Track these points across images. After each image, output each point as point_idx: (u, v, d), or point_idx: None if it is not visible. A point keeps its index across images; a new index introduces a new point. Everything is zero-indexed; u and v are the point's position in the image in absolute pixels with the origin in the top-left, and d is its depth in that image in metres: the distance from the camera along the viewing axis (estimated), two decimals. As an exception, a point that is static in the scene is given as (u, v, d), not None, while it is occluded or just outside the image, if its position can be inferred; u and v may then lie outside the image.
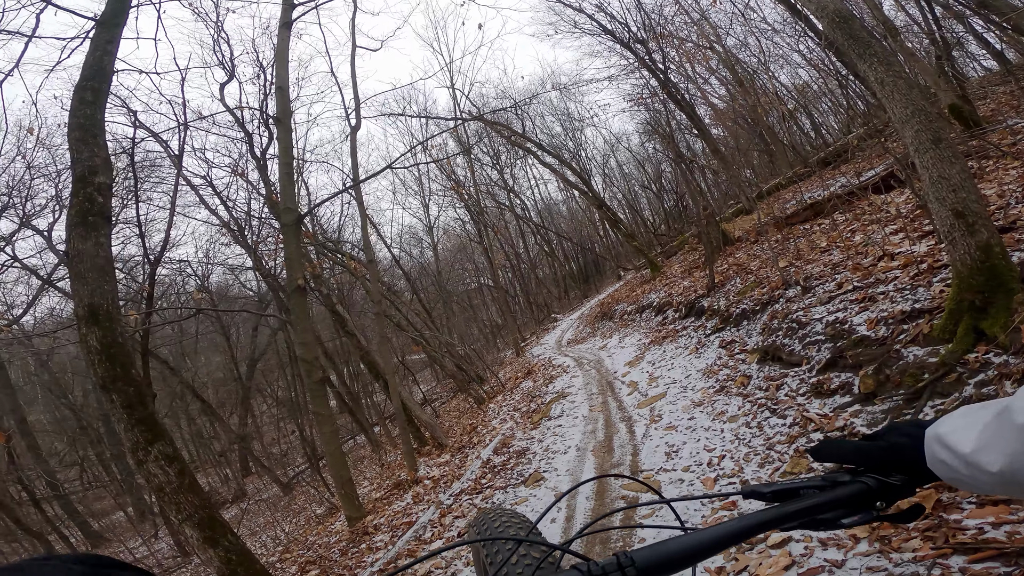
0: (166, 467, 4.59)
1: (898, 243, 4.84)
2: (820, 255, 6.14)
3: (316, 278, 12.16)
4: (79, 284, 4.76)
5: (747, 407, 4.54)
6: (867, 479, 0.67)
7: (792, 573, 2.46)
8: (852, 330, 3.94)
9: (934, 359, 3.10)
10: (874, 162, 8.92)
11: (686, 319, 8.24)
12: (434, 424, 9.69)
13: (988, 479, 0.54)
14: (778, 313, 5.33)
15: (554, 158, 19.25)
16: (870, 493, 0.66)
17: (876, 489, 0.66)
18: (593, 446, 5.42)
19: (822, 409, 3.80)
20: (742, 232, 10.94)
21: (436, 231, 27.15)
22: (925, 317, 3.41)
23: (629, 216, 27.80)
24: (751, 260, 8.25)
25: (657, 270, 14.29)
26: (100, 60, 5.18)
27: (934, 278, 3.72)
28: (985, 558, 1.99)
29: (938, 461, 0.61)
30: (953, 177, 3.01)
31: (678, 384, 6.02)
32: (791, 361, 4.55)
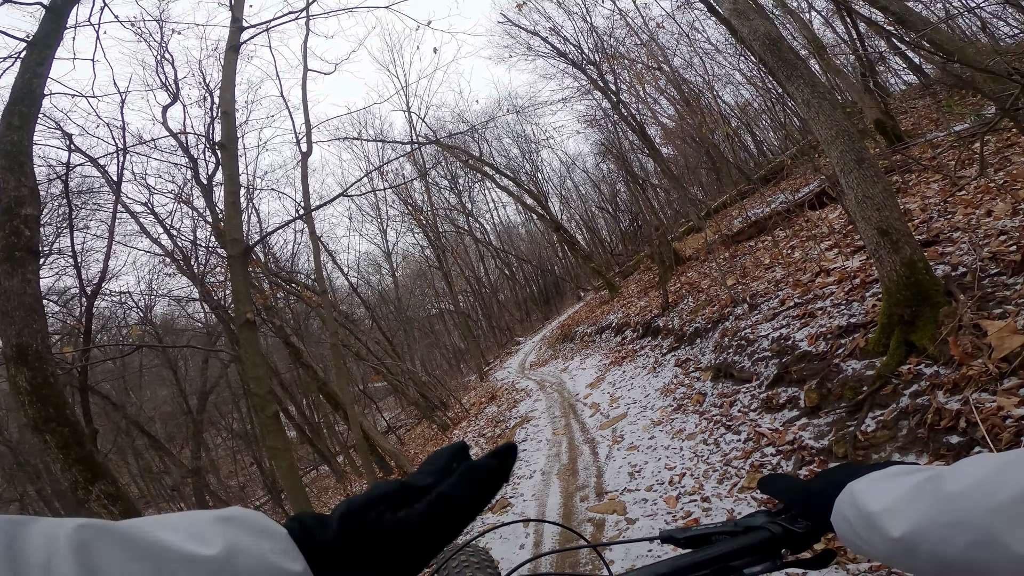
0: (110, 506, 4.38)
1: (833, 259, 5.13)
2: (764, 272, 6.43)
3: (268, 309, 11.88)
4: (6, 324, 4.51)
5: (704, 424, 4.67)
6: (773, 525, 0.67)
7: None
8: (795, 346, 4.14)
9: (871, 372, 3.29)
10: (809, 179, 9.38)
11: (643, 339, 8.42)
12: (398, 453, 9.55)
13: (883, 544, 0.50)
14: (728, 331, 5.53)
15: (511, 181, 19.50)
16: (775, 540, 0.66)
17: (781, 536, 0.66)
18: (558, 469, 5.45)
19: (773, 424, 3.95)
20: (693, 251, 11.31)
21: (395, 257, 26.96)
22: (860, 331, 3.61)
23: (587, 237, 28.33)
24: (702, 278, 8.54)
25: (615, 291, 14.57)
26: (30, 83, 4.92)
27: (867, 292, 3.96)
28: None
29: (840, 516, 0.58)
30: (876, 196, 3.22)
31: (638, 404, 6.14)
32: (742, 377, 4.72)
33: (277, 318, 12.32)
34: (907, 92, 13.08)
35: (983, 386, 2.49)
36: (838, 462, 3.15)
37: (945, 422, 2.55)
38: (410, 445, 13.61)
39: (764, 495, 0.77)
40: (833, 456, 3.22)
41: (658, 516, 3.74)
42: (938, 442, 2.56)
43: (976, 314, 2.86)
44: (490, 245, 29.33)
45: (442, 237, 23.05)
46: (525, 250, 33.27)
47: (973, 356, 2.65)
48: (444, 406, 13.13)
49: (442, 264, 21.75)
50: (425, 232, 22.68)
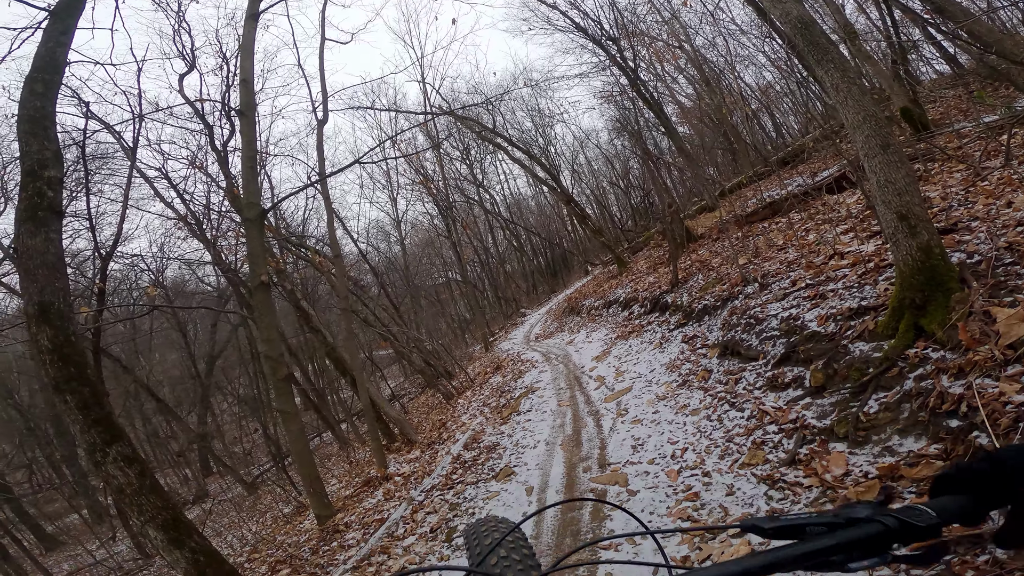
0: (126, 468, 4.52)
1: (848, 242, 5.10)
2: (777, 253, 6.41)
3: (279, 273, 11.98)
4: (28, 282, 4.61)
5: (708, 400, 4.74)
6: (886, 518, 0.60)
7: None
8: (804, 326, 4.17)
9: (878, 354, 3.32)
10: (829, 163, 9.28)
11: (651, 314, 8.46)
12: (403, 420, 9.72)
13: None
14: (737, 309, 5.56)
15: (524, 153, 19.33)
16: (888, 534, 0.59)
17: (896, 530, 0.59)
18: (562, 440, 5.56)
19: (777, 402, 4.01)
20: (705, 229, 11.24)
21: (404, 225, 26.97)
22: (870, 314, 3.63)
23: (597, 212, 28.07)
24: (713, 257, 8.52)
25: (624, 266, 14.56)
26: (52, 51, 5.00)
27: (880, 276, 3.96)
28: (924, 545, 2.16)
29: None
30: (898, 181, 3.21)
31: (643, 378, 6.21)
32: (749, 356, 4.76)
33: (288, 282, 12.42)
34: (938, 81, 12.81)
35: (987, 372, 2.52)
36: (839, 442, 3.21)
37: (947, 406, 2.59)
38: (414, 414, 13.82)
39: None
40: (834, 436, 3.28)
41: (659, 489, 3.83)
42: (938, 425, 2.61)
43: (987, 301, 2.87)
44: (499, 216, 29.23)
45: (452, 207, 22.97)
46: (534, 222, 33.08)
47: (980, 342, 2.68)
48: (449, 375, 13.29)
49: (451, 233, 21.74)
50: (435, 201, 22.64)
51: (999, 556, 1.87)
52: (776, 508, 2.92)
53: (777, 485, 3.10)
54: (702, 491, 3.48)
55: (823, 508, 2.71)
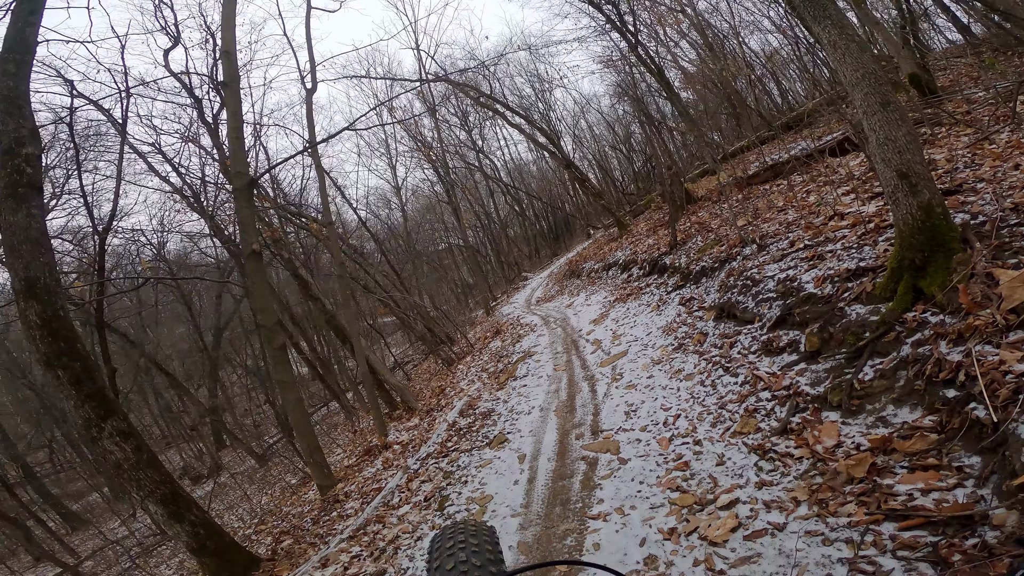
0: (122, 443, 4.53)
1: (849, 203, 4.92)
2: (776, 214, 6.23)
3: (276, 242, 11.90)
4: (13, 258, 4.60)
5: (702, 365, 4.65)
6: None
7: (739, 535, 2.56)
8: (801, 287, 4.03)
9: (875, 318, 3.20)
10: (833, 128, 9.04)
11: (649, 276, 8.34)
12: (403, 388, 9.74)
13: None
14: (734, 271, 5.42)
15: (523, 119, 18.91)
16: None
17: None
18: (556, 406, 5.52)
19: (771, 367, 3.91)
20: (706, 192, 11.01)
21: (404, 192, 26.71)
22: (869, 275, 3.49)
23: (599, 176, 27.65)
24: (712, 219, 8.34)
25: (624, 228, 14.36)
26: (22, 31, 4.96)
27: (880, 237, 3.81)
28: (914, 526, 2.08)
29: None
30: (899, 139, 3.04)
31: (639, 342, 6.13)
32: (744, 318, 4.65)
33: (286, 251, 12.33)
34: (948, 51, 12.31)
35: (988, 338, 2.39)
36: (832, 411, 3.12)
37: (944, 374, 2.47)
38: (416, 380, 13.90)
39: None
40: (827, 404, 3.19)
41: (650, 457, 3.78)
42: (934, 395, 2.50)
43: (991, 263, 2.73)
44: (500, 181, 28.93)
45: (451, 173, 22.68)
46: (536, 187, 32.68)
47: (982, 306, 2.55)
48: (450, 341, 13.29)
49: (451, 199, 21.50)
50: (435, 168, 22.33)
51: (988, 540, 1.79)
52: (766, 479, 2.86)
53: (768, 456, 3.03)
54: (692, 460, 3.42)
55: (812, 481, 2.63)
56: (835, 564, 2.13)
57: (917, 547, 1.99)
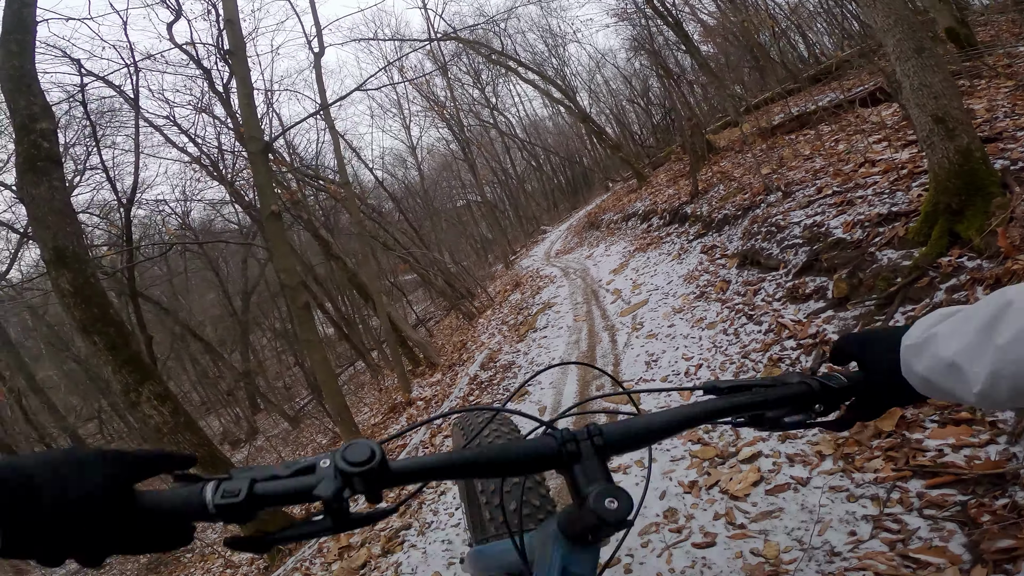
0: (159, 407, 4.66)
1: (881, 151, 4.69)
2: (803, 163, 5.99)
3: (296, 204, 11.94)
4: (40, 229, 4.70)
5: (725, 313, 4.56)
6: (811, 381, 0.69)
7: (760, 489, 2.53)
8: (829, 233, 3.88)
9: (907, 262, 3.07)
10: (863, 80, 8.61)
11: (670, 226, 8.17)
12: (426, 344, 9.85)
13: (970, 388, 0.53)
14: (758, 218, 5.25)
15: (536, 74, 18.36)
16: (811, 395, 0.69)
17: (817, 391, 0.69)
18: (576, 357, 5.51)
19: (796, 315, 3.81)
20: (727, 143, 10.64)
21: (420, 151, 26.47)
22: (901, 220, 3.34)
23: (617, 130, 27.01)
24: (735, 168, 8.08)
25: (643, 180, 14.04)
26: (19, 12, 4.96)
27: (913, 183, 3.62)
28: (942, 483, 2.00)
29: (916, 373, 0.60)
30: (935, 85, 2.91)
31: (660, 290, 6.05)
32: (769, 265, 4.52)
33: (305, 212, 12.38)
34: (990, 7, 11.46)
35: (1029, 281, 2.26)
36: None
37: (980, 319, 2.36)
38: (438, 336, 14.04)
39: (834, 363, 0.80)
40: None
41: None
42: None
43: (1033, 202, 2.57)
44: (516, 137, 28.52)
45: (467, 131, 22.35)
46: (552, 143, 32.14)
47: (1020, 250, 2.41)
48: (471, 295, 13.34)
49: (467, 156, 21.23)
50: (449, 126, 21.99)
51: (1019, 500, 1.72)
52: (789, 432, 2.80)
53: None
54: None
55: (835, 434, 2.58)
56: (859, 521, 2.09)
57: (945, 506, 1.93)
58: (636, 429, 0.70)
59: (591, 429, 0.68)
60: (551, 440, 0.68)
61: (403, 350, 10.94)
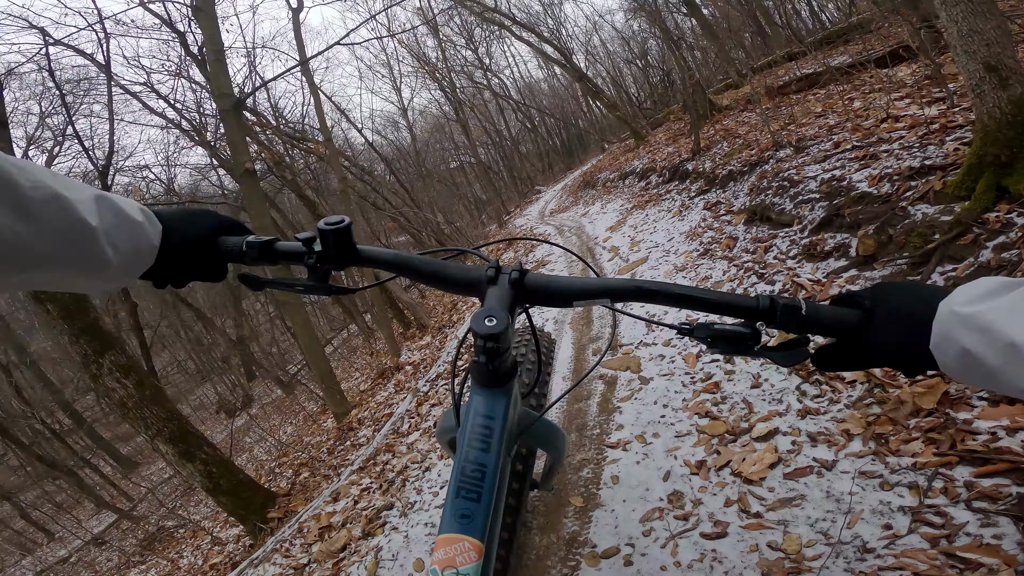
0: (123, 379, 4.32)
1: (904, 107, 4.27)
2: (815, 120, 5.55)
3: (278, 164, 11.45)
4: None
5: (732, 271, 4.23)
6: (763, 297, 0.65)
7: (778, 472, 2.23)
8: (851, 187, 3.51)
9: (947, 217, 2.72)
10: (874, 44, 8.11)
11: (670, 183, 7.78)
12: (415, 306, 9.53)
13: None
14: (768, 173, 4.87)
15: (531, 33, 17.55)
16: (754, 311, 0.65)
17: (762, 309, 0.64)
18: (571, 318, 5.19)
19: (815, 274, 3.48)
20: (730, 102, 10.13)
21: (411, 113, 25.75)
22: (937, 174, 2.97)
23: (614, 92, 26.30)
24: (739, 126, 7.64)
25: (641, 139, 13.53)
26: None
27: (947, 137, 3.23)
28: (995, 472, 1.71)
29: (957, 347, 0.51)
30: (987, 32, 2.59)
31: (660, 248, 5.70)
32: (781, 221, 4.16)
33: (290, 172, 11.90)
34: None
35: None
36: None
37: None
38: (430, 297, 13.73)
39: None
40: None
41: (675, 376, 3.45)
42: None
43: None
44: (510, 99, 27.86)
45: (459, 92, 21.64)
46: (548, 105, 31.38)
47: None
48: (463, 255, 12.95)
49: (460, 116, 20.57)
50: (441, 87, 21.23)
51: None
52: (810, 407, 2.51)
53: (812, 378, 2.65)
54: (724, 381, 3.07)
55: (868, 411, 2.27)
56: (895, 513, 1.80)
57: (999, 498, 1.64)
58: (557, 284, 0.74)
59: (517, 267, 0.74)
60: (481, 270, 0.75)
61: (393, 312, 10.64)
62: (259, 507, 4.58)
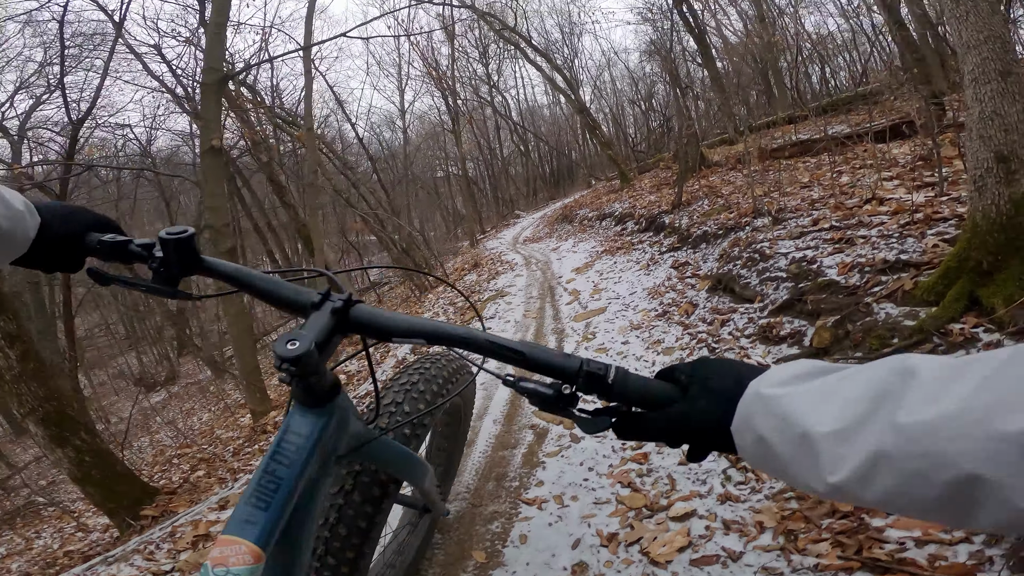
0: (6, 348, 3.86)
1: (892, 189, 4.21)
2: (800, 190, 5.50)
3: (256, 145, 11.03)
4: None
5: (686, 340, 4.05)
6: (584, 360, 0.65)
7: (686, 556, 2.05)
8: (820, 271, 3.38)
9: (911, 322, 2.58)
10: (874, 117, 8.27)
11: (644, 233, 7.68)
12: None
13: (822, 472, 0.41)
14: (741, 241, 4.76)
15: (544, 58, 17.63)
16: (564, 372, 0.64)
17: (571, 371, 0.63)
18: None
19: (765, 358, 3.32)
20: (722, 157, 10.19)
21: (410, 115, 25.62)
22: (910, 271, 2.85)
23: (612, 130, 26.72)
24: (724, 185, 7.61)
25: (627, 181, 13.57)
26: None
27: (929, 230, 3.12)
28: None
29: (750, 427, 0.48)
30: (1009, 116, 2.44)
31: (621, 300, 5.52)
32: (744, 296, 4.02)
33: (266, 154, 11.46)
34: None
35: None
36: None
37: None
38: (388, 303, 13.34)
39: None
40: None
41: (607, 440, 3.24)
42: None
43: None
44: (510, 119, 27.92)
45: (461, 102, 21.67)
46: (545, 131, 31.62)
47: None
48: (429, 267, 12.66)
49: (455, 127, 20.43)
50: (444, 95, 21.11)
51: None
52: (732, 493, 2.31)
53: (740, 464, 2.46)
54: (653, 453, 2.86)
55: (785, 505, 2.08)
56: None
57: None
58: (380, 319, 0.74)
59: (347, 297, 0.75)
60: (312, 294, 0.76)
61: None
62: (133, 502, 4.12)
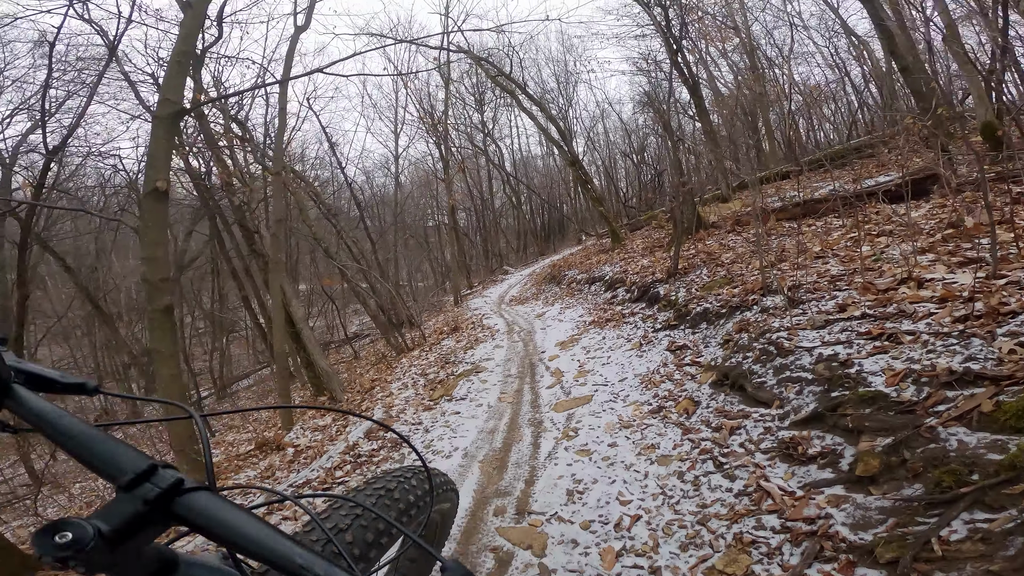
0: None
1: (928, 265, 3.57)
2: (811, 262, 4.88)
3: (227, 186, 10.45)
4: None
5: (686, 448, 3.33)
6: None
7: None
8: (861, 378, 2.69)
9: (996, 456, 1.90)
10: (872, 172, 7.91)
11: (637, 303, 7.02)
12: (331, 375, 8.34)
13: None
14: (749, 324, 4.11)
15: (538, 107, 17.54)
16: None
17: None
18: (485, 455, 4.17)
19: (789, 481, 2.61)
20: (717, 218, 9.70)
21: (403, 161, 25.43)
22: (986, 386, 2.18)
23: (604, 184, 26.66)
24: (724, 251, 7.03)
25: (618, 241, 13.07)
26: None
27: (998, 327, 2.47)
28: None
29: None
30: None
31: (609, 388, 4.79)
32: (758, 398, 3.32)
33: (236, 197, 10.85)
34: None
35: None
36: (875, 571, 1.88)
37: None
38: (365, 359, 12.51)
39: None
40: (873, 561, 1.92)
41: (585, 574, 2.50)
42: None
43: None
44: (503, 169, 27.82)
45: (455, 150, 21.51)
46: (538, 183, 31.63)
47: None
48: (411, 324, 11.91)
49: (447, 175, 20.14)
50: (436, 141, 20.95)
51: None
52: None
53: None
54: None
55: None
56: None
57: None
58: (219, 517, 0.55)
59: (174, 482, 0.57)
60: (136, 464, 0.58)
61: (309, 374, 9.40)
62: (9, 573, 3.25)
